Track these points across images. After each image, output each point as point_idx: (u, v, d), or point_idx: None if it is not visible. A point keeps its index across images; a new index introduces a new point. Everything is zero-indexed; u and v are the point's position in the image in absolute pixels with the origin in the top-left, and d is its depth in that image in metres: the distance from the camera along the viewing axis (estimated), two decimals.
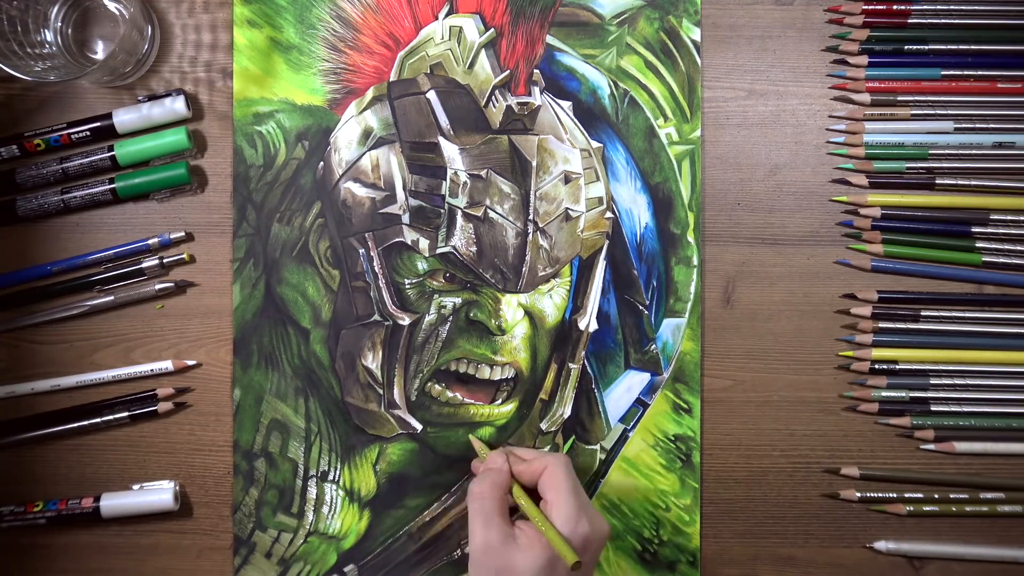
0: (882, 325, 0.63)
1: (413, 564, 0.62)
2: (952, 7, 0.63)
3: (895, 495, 0.62)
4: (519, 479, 0.55)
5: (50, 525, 0.61)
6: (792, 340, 0.63)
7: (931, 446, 0.62)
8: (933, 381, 0.63)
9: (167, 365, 0.62)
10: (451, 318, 0.63)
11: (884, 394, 0.62)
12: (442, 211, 0.62)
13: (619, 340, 0.63)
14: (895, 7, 0.63)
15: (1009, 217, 0.63)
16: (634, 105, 0.63)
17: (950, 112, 0.63)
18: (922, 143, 0.63)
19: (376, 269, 0.62)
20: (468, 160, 0.62)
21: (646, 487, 0.63)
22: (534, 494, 0.54)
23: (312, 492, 0.62)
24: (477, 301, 0.63)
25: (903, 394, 0.62)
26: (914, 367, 0.63)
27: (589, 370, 0.63)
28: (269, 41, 0.63)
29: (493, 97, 0.63)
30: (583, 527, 0.51)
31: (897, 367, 0.62)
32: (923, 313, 0.63)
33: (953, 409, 0.62)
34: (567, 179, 0.63)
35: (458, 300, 0.63)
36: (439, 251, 0.62)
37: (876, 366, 0.63)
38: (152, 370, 0.62)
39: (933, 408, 0.62)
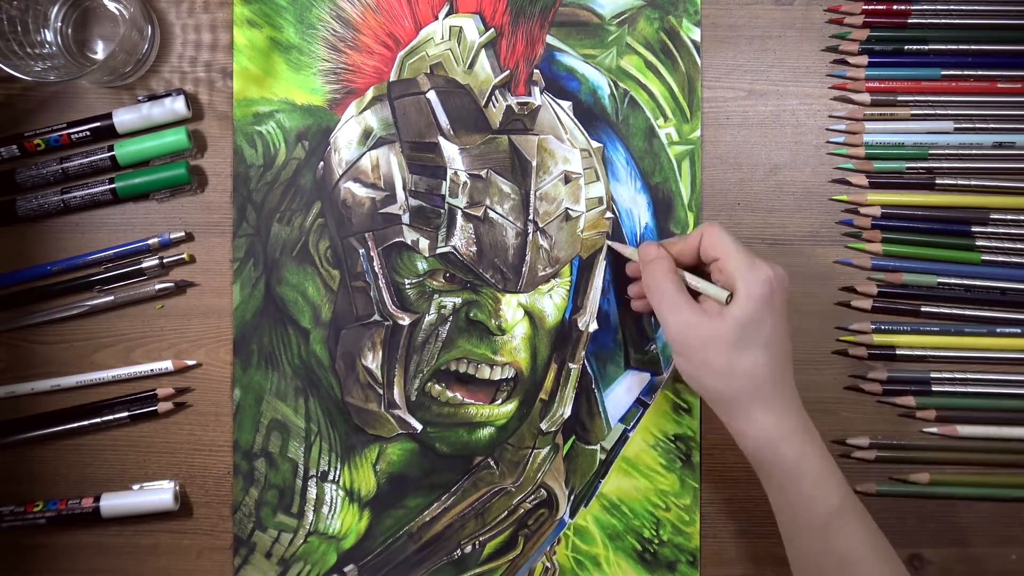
0: (882, 317, 0.63)
1: (413, 564, 0.62)
2: (952, 7, 0.63)
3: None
4: (681, 261, 0.55)
5: (50, 525, 0.61)
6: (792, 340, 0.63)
7: (934, 428, 0.62)
8: (933, 375, 0.63)
9: (167, 365, 0.62)
10: (451, 318, 0.63)
11: (887, 375, 0.63)
12: (442, 211, 0.62)
13: (619, 340, 0.63)
14: (895, 7, 0.63)
15: (1009, 217, 0.63)
16: (634, 105, 0.63)
17: (950, 112, 0.63)
18: (922, 143, 0.63)
19: (376, 269, 0.62)
20: (468, 160, 0.62)
21: (646, 487, 0.63)
22: (700, 274, 0.55)
23: (312, 492, 0.62)
24: (477, 301, 0.63)
25: (905, 374, 0.63)
26: (914, 352, 0.63)
27: (589, 370, 0.63)
28: (269, 41, 0.63)
29: (493, 97, 0.63)
30: (762, 270, 0.51)
31: (896, 352, 0.63)
32: (923, 308, 0.63)
33: (957, 389, 0.63)
34: (567, 179, 0.63)
35: (458, 300, 0.63)
36: (439, 251, 0.62)
37: (875, 352, 0.63)
38: (152, 370, 0.62)
39: (935, 388, 0.63)
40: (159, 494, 0.61)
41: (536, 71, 0.63)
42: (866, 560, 0.50)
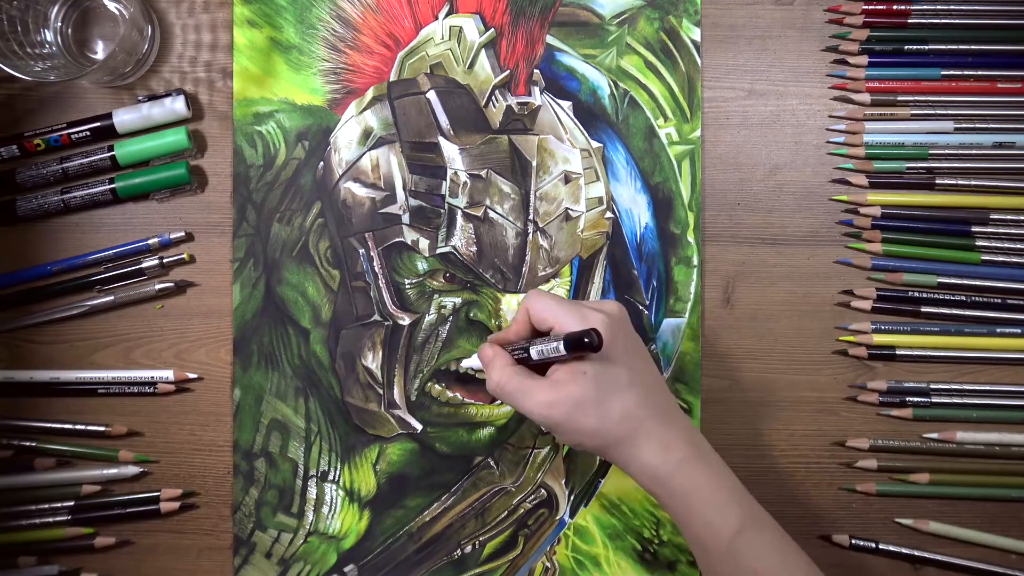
0: (882, 317, 0.63)
1: (413, 564, 0.62)
2: (952, 7, 0.63)
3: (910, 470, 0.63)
4: (521, 341, 0.54)
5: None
6: (792, 340, 0.63)
7: (934, 434, 0.62)
8: (933, 385, 0.63)
9: (168, 375, 0.62)
10: (451, 318, 0.63)
11: (885, 385, 0.63)
12: (442, 211, 0.62)
13: None
14: (895, 7, 0.63)
15: (1009, 217, 0.63)
16: (634, 105, 0.63)
17: (950, 112, 0.63)
18: (922, 143, 0.63)
19: (376, 269, 0.62)
20: (468, 160, 0.62)
21: None
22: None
23: (312, 492, 0.62)
24: (477, 301, 0.63)
25: (905, 385, 0.63)
26: (914, 353, 0.63)
27: None
28: (269, 41, 0.63)
29: (493, 97, 0.63)
30: (593, 316, 0.51)
31: (896, 352, 0.63)
32: (923, 309, 0.63)
33: (955, 400, 0.63)
34: (567, 179, 0.63)
35: (458, 300, 0.63)
36: (439, 251, 0.62)
37: (875, 352, 0.63)
38: (152, 377, 0.62)
39: (934, 400, 0.63)
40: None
41: (536, 71, 0.63)
42: (777, 570, 0.49)
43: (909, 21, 0.63)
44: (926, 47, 0.63)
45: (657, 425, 0.50)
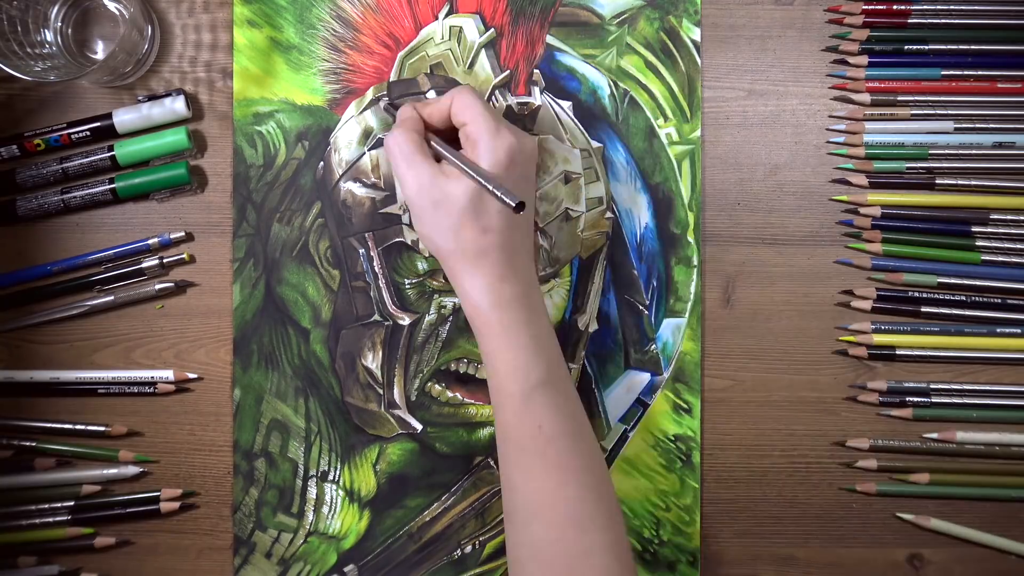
0: (882, 317, 0.63)
1: (413, 564, 0.62)
2: (952, 7, 0.63)
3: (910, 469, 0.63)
4: (433, 125, 0.55)
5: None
6: (792, 340, 0.63)
7: (934, 434, 0.62)
8: (933, 384, 0.63)
9: (168, 375, 0.62)
10: (451, 318, 0.63)
11: (885, 386, 0.63)
12: None
13: (619, 340, 0.63)
14: (895, 7, 0.63)
15: (1009, 217, 0.63)
16: (634, 105, 0.63)
17: (950, 112, 0.63)
18: (922, 143, 0.63)
19: (376, 269, 0.62)
20: None
21: (646, 487, 0.63)
22: (453, 141, 0.55)
23: (312, 492, 0.62)
24: None
25: (905, 385, 0.63)
26: (914, 353, 0.63)
27: (589, 370, 0.63)
28: (269, 41, 0.63)
29: (493, 97, 0.63)
30: (505, 138, 0.52)
31: (896, 352, 0.63)
32: (923, 309, 0.63)
33: (955, 400, 0.63)
34: (567, 179, 0.63)
35: (458, 300, 0.63)
36: None
37: (875, 351, 0.63)
38: (152, 377, 0.62)
39: (934, 400, 0.63)
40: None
41: (536, 71, 0.63)
42: (565, 436, 0.51)
43: (909, 21, 0.63)
44: (926, 47, 0.63)
45: (504, 257, 0.52)
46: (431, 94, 0.62)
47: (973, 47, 0.63)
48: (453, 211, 0.51)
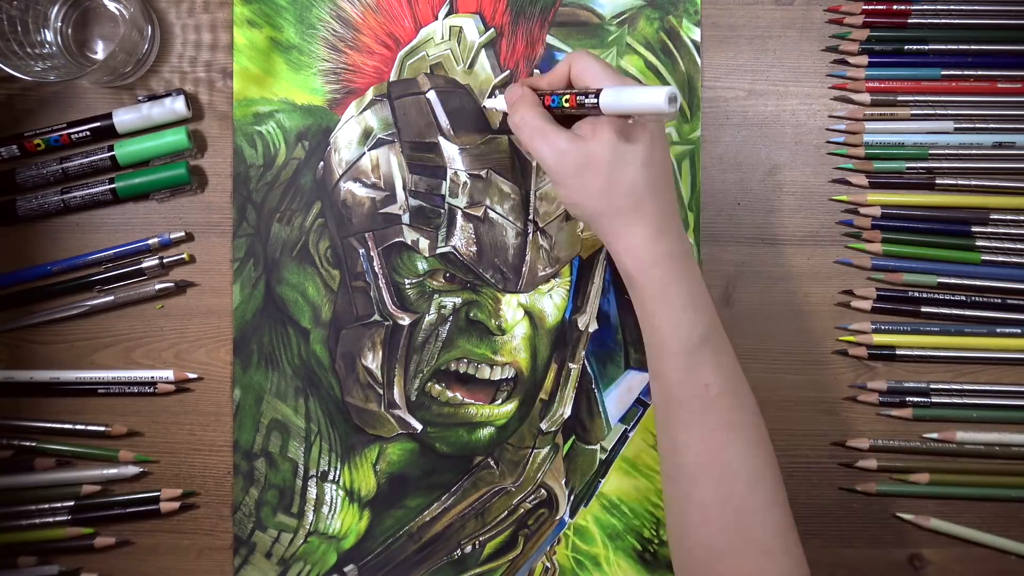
0: (882, 317, 0.63)
1: (413, 564, 0.62)
2: (952, 7, 0.63)
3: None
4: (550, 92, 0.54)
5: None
6: (792, 340, 0.63)
7: (934, 434, 0.62)
8: (933, 385, 0.63)
9: (168, 375, 0.62)
10: (451, 318, 0.63)
11: (885, 385, 0.63)
12: (442, 211, 0.62)
13: (619, 340, 0.63)
14: (895, 7, 0.63)
15: (1009, 217, 0.63)
16: None
17: (950, 112, 0.63)
18: (922, 143, 0.63)
19: (376, 269, 0.62)
20: (468, 160, 0.62)
21: (646, 487, 0.63)
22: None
23: (312, 492, 0.62)
24: (477, 301, 0.63)
25: (905, 385, 0.63)
26: (914, 353, 0.63)
27: (589, 370, 0.63)
28: (269, 41, 0.63)
29: (493, 97, 0.63)
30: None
31: (896, 352, 0.63)
32: (923, 309, 0.63)
33: (955, 400, 0.63)
34: None
35: (458, 300, 0.63)
36: (439, 251, 0.62)
37: (875, 351, 0.63)
38: (152, 377, 0.62)
39: (934, 400, 0.63)
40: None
41: (536, 71, 0.63)
42: (729, 394, 0.50)
43: (909, 21, 0.63)
44: (926, 47, 0.63)
45: (656, 210, 0.51)
46: (431, 94, 0.62)
47: (973, 47, 0.63)
48: (599, 170, 0.50)
